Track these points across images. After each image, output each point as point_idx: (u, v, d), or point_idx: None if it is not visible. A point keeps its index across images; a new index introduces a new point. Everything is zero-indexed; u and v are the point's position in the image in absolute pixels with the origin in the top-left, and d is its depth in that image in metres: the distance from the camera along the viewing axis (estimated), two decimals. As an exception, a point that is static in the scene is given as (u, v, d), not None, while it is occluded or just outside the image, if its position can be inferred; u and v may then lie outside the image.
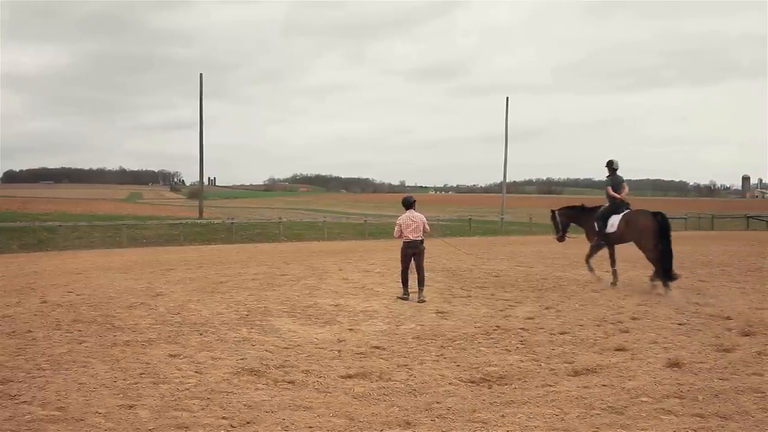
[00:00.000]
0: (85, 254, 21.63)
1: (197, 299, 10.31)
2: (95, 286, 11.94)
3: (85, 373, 5.99)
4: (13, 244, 24.43)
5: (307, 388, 5.64)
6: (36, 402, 5.12)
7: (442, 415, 4.89)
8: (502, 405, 5.13)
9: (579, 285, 12.10)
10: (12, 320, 8.50)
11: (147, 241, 27.73)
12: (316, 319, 8.79)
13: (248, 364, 6.37)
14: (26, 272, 14.76)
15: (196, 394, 5.38)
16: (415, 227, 10.57)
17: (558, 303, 10.03)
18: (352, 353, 6.85)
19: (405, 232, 10.59)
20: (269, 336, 7.69)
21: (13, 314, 8.91)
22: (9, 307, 9.47)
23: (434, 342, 7.39)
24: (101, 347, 7.02)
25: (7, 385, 5.57)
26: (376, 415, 4.91)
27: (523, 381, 5.82)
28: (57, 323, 8.30)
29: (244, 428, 4.60)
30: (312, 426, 4.65)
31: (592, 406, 5.03)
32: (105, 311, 9.16)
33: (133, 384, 5.66)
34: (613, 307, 9.61)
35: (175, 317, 8.78)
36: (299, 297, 10.63)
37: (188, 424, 4.66)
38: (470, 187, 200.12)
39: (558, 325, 8.32)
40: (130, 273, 14.27)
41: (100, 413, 4.87)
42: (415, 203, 10.90)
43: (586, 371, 6.09)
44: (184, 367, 6.23)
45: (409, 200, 10.84)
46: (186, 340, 7.40)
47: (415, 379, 5.88)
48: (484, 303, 10.09)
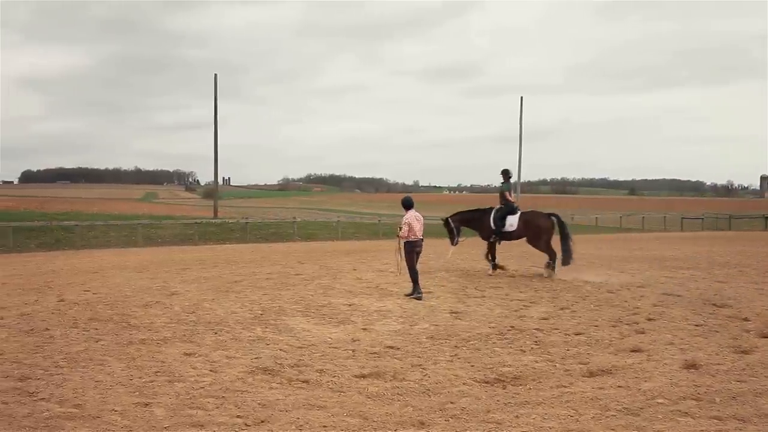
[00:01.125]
0: (101, 253, 21.82)
1: (212, 298, 10.37)
2: (111, 285, 12.04)
3: (101, 371, 6.05)
4: (31, 243, 24.71)
5: (321, 387, 5.65)
6: (54, 399, 5.17)
7: (456, 416, 4.88)
8: (516, 405, 5.11)
9: (594, 286, 12.02)
10: (30, 318, 8.59)
11: (162, 241, 27.93)
12: (330, 318, 8.80)
13: (263, 363, 6.39)
14: (44, 271, 14.91)
15: (210, 393, 5.41)
16: (420, 227, 10.82)
17: (573, 303, 9.98)
18: (366, 353, 6.86)
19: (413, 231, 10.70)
20: (283, 335, 7.72)
21: (31, 312, 9.01)
22: (27, 306, 9.58)
23: (448, 342, 7.38)
24: (117, 345, 7.08)
25: (25, 382, 5.63)
26: (390, 414, 4.91)
27: (537, 382, 5.79)
28: (74, 321, 8.38)
29: (258, 427, 4.62)
30: (326, 425, 4.65)
31: (608, 408, 4.99)
32: (121, 310, 9.24)
33: (149, 382, 5.70)
34: (628, 308, 9.54)
35: (190, 316, 8.84)
36: (313, 296, 10.65)
37: (203, 422, 4.68)
38: (484, 187, 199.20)
39: (573, 325, 8.27)
40: (146, 272, 14.38)
41: (116, 411, 4.91)
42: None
43: (602, 372, 6.05)
44: (199, 366, 6.27)
45: (412, 200, 11.07)
46: (201, 339, 7.44)
47: (429, 379, 5.87)
48: (498, 303, 10.05)
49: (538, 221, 14.05)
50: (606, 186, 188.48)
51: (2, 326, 8.06)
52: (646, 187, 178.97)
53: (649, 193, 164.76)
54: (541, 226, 13.97)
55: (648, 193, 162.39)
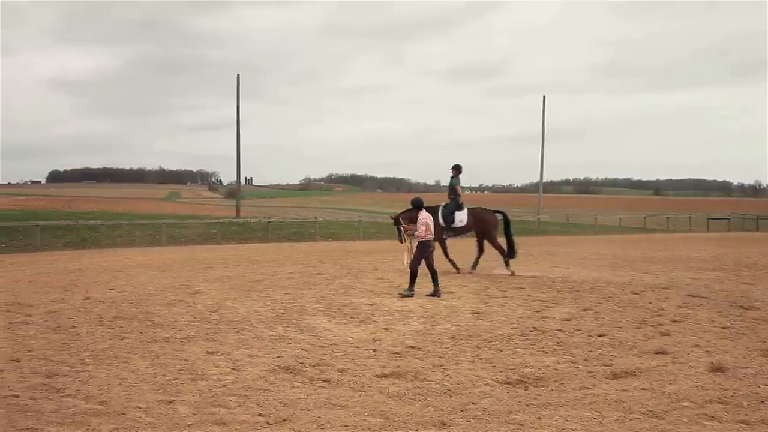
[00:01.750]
0: (126, 252, 22.11)
1: (234, 297, 10.45)
2: (136, 283, 12.20)
3: (126, 368, 6.12)
4: (57, 242, 25.13)
5: (343, 386, 5.66)
6: (80, 395, 5.25)
7: (477, 416, 4.85)
8: (538, 407, 5.07)
9: (617, 287, 11.90)
10: (57, 316, 8.74)
11: (185, 240, 28.22)
12: (351, 318, 8.82)
13: (284, 362, 6.42)
14: (70, 269, 15.15)
15: (233, 391, 5.45)
16: (432, 227, 11.03)
17: (596, 304, 9.88)
18: (388, 353, 6.86)
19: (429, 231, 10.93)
20: (305, 334, 7.75)
21: (58, 310, 9.16)
22: (54, 303, 9.74)
23: (470, 342, 7.35)
24: (141, 343, 7.16)
25: (53, 378, 5.73)
26: (411, 414, 4.90)
27: (560, 383, 5.74)
28: (99, 319, 8.51)
29: (280, 426, 4.64)
30: (347, 424, 4.66)
31: (631, 410, 4.93)
32: (145, 308, 9.35)
33: (172, 380, 5.76)
34: (652, 309, 9.43)
35: (213, 315, 8.91)
36: (335, 296, 10.69)
37: (226, 420, 4.72)
38: (506, 187, 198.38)
39: (596, 326, 8.19)
40: (170, 271, 14.54)
41: (141, 408, 4.97)
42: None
43: (625, 374, 5.98)
44: (222, 364, 6.32)
45: (422, 201, 11.38)
46: (223, 338, 7.50)
47: (451, 380, 5.85)
48: (520, 304, 9.99)
49: (485, 216, 14.80)
50: (630, 186, 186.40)
51: (30, 323, 8.21)
52: (671, 187, 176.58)
53: (674, 193, 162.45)
54: (489, 221, 14.77)
55: (673, 193, 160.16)
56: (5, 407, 4.91)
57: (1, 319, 8.48)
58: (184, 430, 4.52)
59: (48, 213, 40.54)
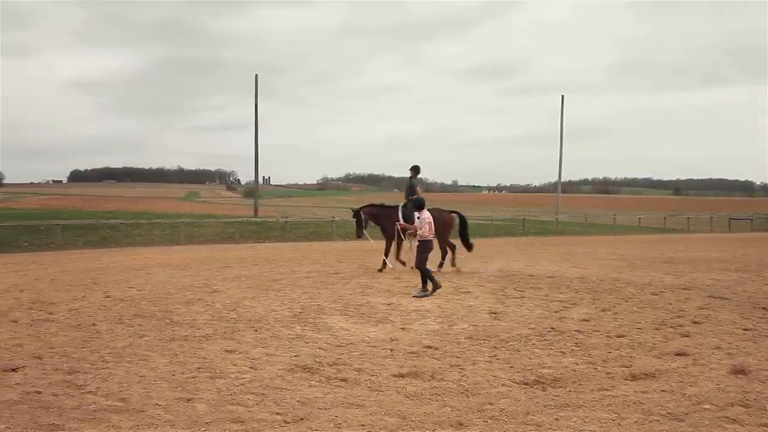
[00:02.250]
0: (145, 251, 22.32)
1: (252, 296, 10.51)
2: (155, 282, 12.31)
3: (145, 366, 6.18)
4: (78, 241, 25.44)
5: (360, 386, 5.67)
6: (100, 392, 5.31)
7: (494, 417, 4.84)
8: (556, 408, 5.04)
9: (637, 287, 11.79)
10: (78, 313, 8.85)
11: (204, 239, 28.42)
12: (368, 317, 8.83)
13: (302, 361, 6.44)
14: (91, 268, 15.33)
15: (251, 390, 5.48)
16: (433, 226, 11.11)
17: (615, 305, 9.79)
18: (405, 352, 6.85)
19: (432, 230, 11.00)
20: (322, 334, 7.77)
21: (79, 308, 9.27)
22: (75, 301, 9.86)
23: (487, 343, 7.32)
24: (160, 341, 7.23)
25: (74, 375, 5.80)
26: (428, 414, 4.90)
27: (578, 384, 5.70)
28: (119, 317, 8.60)
29: (297, 424, 4.66)
30: (364, 424, 4.67)
31: (651, 412, 4.88)
32: (164, 306, 9.43)
33: (191, 378, 5.80)
34: (673, 310, 9.32)
35: (231, 313, 8.97)
36: (352, 295, 10.70)
37: (243, 418, 4.75)
38: (524, 187, 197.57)
39: (615, 327, 8.12)
40: (188, 270, 14.66)
41: (160, 405, 5.01)
42: None
43: (645, 376, 5.92)
44: (240, 363, 6.36)
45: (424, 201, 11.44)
46: (241, 336, 7.55)
47: (468, 380, 5.83)
48: (538, 304, 9.93)
49: (444, 217, 14.81)
50: (649, 186, 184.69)
51: (52, 321, 8.32)
52: (692, 186, 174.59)
53: (694, 192, 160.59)
54: (447, 221, 14.90)
55: (693, 193, 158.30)
56: (28, 403, 4.99)
57: (24, 316, 8.60)
58: (202, 427, 4.55)
59: (69, 212, 41.10)
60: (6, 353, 6.56)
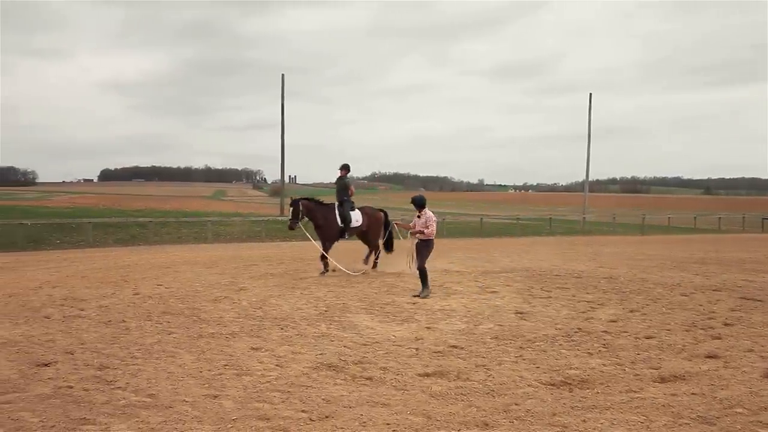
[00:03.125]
0: (173, 249, 22.59)
1: (278, 294, 10.57)
2: (183, 279, 12.46)
3: (173, 362, 6.26)
4: (108, 239, 25.85)
5: (385, 385, 5.67)
6: (129, 388, 5.40)
7: (520, 417, 4.80)
8: (583, 409, 4.98)
9: (666, 288, 11.60)
10: (108, 310, 8.99)
11: (231, 238, 28.67)
12: (393, 316, 8.83)
13: (327, 359, 6.47)
14: (120, 265, 15.56)
15: (276, 387, 5.52)
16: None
17: (643, 306, 9.65)
18: (430, 352, 6.84)
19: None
20: (347, 332, 7.79)
21: (108, 305, 9.43)
22: (105, 298, 10.02)
23: (513, 343, 7.27)
24: (188, 338, 7.31)
25: (104, 371, 5.90)
26: (454, 414, 4.88)
27: (605, 386, 5.63)
28: (148, 314, 8.72)
29: (322, 422, 4.67)
30: (389, 423, 4.67)
31: (681, 415, 4.80)
32: (192, 304, 9.54)
33: (218, 375, 5.86)
34: (703, 311, 9.16)
35: (257, 311, 9.04)
36: (377, 294, 10.71)
37: (269, 415, 4.78)
38: (551, 186, 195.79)
39: (643, 329, 8.01)
40: (215, 268, 14.80)
41: (187, 401, 5.08)
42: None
43: (674, 378, 5.83)
44: (266, 360, 6.40)
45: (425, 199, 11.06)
46: (267, 334, 7.60)
47: (494, 380, 5.80)
48: (565, 304, 9.83)
49: (377, 215, 14.60)
50: (679, 185, 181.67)
51: (83, 317, 8.46)
52: (723, 186, 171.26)
53: (726, 192, 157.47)
54: (381, 220, 14.54)
55: (725, 193, 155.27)
56: (60, 397, 5.09)
57: (56, 312, 8.77)
58: (228, 424, 4.59)
59: (100, 210, 41.81)
60: (39, 348, 6.70)
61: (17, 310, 8.87)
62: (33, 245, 23.01)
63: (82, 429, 4.42)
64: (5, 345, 6.79)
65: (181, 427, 4.51)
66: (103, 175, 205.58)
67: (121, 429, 4.44)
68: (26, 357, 6.32)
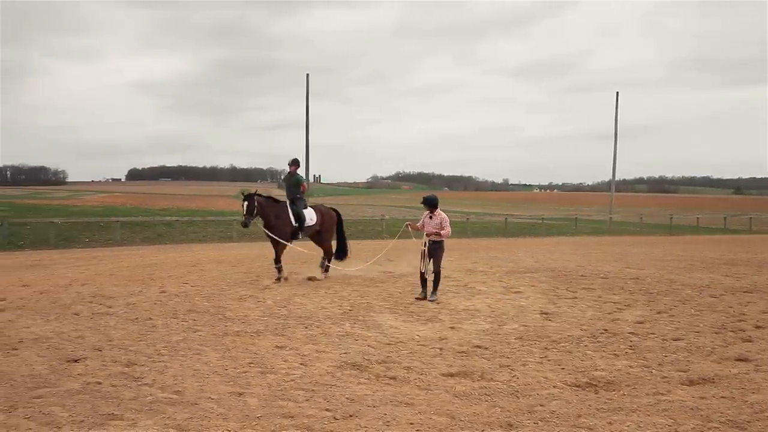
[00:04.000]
0: (199, 248, 22.84)
1: (302, 293, 10.62)
2: (208, 278, 12.57)
3: (199, 360, 6.33)
4: (136, 237, 26.22)
5: (409, 384, 5.67)
6: (156, 385, 5.47)
7: (545, 419, 4.76)
8: (609, 412, 4.92)
9: (695, 289, 11.41)
10: (135, 308, 9.11)
11: (256, 236, 28.85)
12: (418, 316, 8.82)
13: (351, 358, 6.48)
14: (147, 263, 15.77)
15: (301, 386, 5.54)
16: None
17: (671, 307, 9.51)
18: (454, 352, 6.82)
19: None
20: (371, 331, 7.80)
21: (136, 302, 9.55)
22: (133, 296, 10.16)
23: (538, 343, 7.22)
24: (214, 336, 7.38)
25: (131, 367, 5.99)
26: (478, 414, 4.86)
27: (632, 388, 5.56)
28: (174, 312, 8.82)
29: (346, 421, 4.68)
30: (413, 422, 4.66)
31: (710, 419, 4.72)
32: (217, 302, 9.63)
33: (243, 373, 5.91)
34: (733, 313, 8.99)
35: (282, 310, 9.09)
36: (401, 294, 10.70)
37: (294, 413, 4.80)
38: (576, 186, 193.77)
39: (671, 330, 7.89)
40: (240, 266, 14.92)
41: (213, 399, 5.13)
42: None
43: (703, 381, 5.73)
44: (290, 359, 6.44)
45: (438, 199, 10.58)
46: (292, 333, 7.64)
47: (518, 381, 5.76)
48: (590, 305, 9.73)
49: (331, 214, 13.75)
50: (708, 185, 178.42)
51: (111, 314, 8.59)
52: (754, 185, 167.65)
53: (757, 192, 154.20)
54: (334, 219, 13.72)
55: (756, 192, 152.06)
56: (89, 393, 5.17)
57: (85, 309, 8.91)
58: (253, 421, 4.63)
59: (127, 209, 42.44)
60: (69, 344, 6.82)
61: (48, 306, 9.04)
62: (63, 243, 23.44)
63: (109, 424, 4.48)
64: (37, 341, 6.92)
65: (206, 423, 4.56)
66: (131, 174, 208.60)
67: (147, 425, 4.50)
68: (56, 353, 6.43)
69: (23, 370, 5.76)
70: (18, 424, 4.41)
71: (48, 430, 4.36)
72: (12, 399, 4.95)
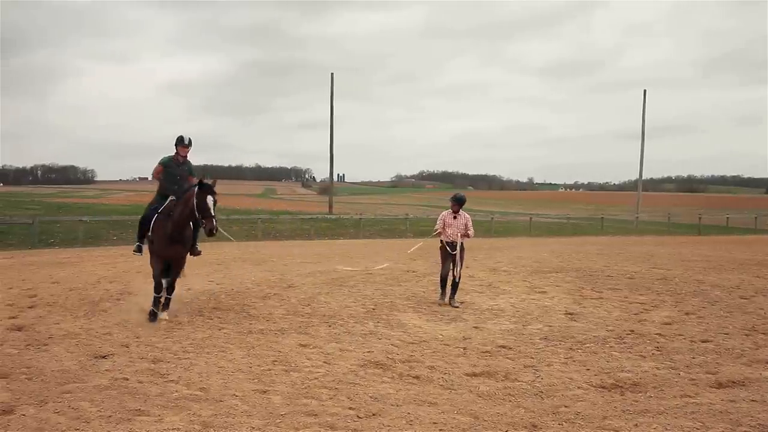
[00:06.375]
0: (223, 246, 23.04)
1: (326, 292, 10.66)
2: (233, 276, 12.68)
3: (223, 357, 6.39)
4: (162, 236, 26.55)
5: (432, 383, 5.66)
6: (182, 381, 5.53)
7: (570, 420, 4.72)
8: (635, 414, 4.86)
9: (724, 290, 11.21)
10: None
11: (280, 235, 29.05)
12: (441, 315, 8.80)
13: (375, 357, 6.49)
14: (174, 262, 15.93)
15: (324, 384, 5.57)
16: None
17: (699, 309, 9.36)
18: (478, 351, 6.79)
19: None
20: (395, 330, 7.80)
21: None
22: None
23: (563, 344, 7.15)
24: (238, 334, 7.45)
25: (158, 364, 6.07)
26: (502, 415, 4.83)
27: (659, 390, 5.48)
28: (199, 310, 8.92)
29: (369, 420, 4.69)
30: (436, 422, 4.65)
31: (739, 423, 4.63)
32: (241, 300, 9.71)
33: (267, 370, 5.95)
34: (764, 315, 8.82)
35: (306, 309, 9.13)
36: (425, 293, 10.69)
37: (317, 411, 4.83)
38: (602, 185, 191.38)
39: (699, 332, 7.76)
40: (264, 265, 15.02)
41: (237, 396, 5.17)
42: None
43: (732, 384, 5.63)
44: (314, 357, 6.47)
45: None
46: (316, 331, 7.67)
47: (542, 381, 5.72)
48: (616, 306, 9.62)
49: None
50: (739, 184, 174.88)
51: (137, 311, 8.70)
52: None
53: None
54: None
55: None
56: (116, 389, 5.25)
57: (112, 306, 9.05)
58: (277, 419, 4.66)
59: (154, 208, 42.79)
60: (97, 341, 6.93)
61: (77, 303, 9.19)
62: (92, 241, 23.82)
63: (136, 420, 4.55)
64: (66, 337, 7.05)
65: (231, 420, 4.60)
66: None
67: (173, 421, 4.55)
68: (85, 349, 6.54)
69: (53, 366, 5.87)
70: (48, 419, 4.50)
71: (77, 424, 4.43)
72: (43, 394, 5.04)
